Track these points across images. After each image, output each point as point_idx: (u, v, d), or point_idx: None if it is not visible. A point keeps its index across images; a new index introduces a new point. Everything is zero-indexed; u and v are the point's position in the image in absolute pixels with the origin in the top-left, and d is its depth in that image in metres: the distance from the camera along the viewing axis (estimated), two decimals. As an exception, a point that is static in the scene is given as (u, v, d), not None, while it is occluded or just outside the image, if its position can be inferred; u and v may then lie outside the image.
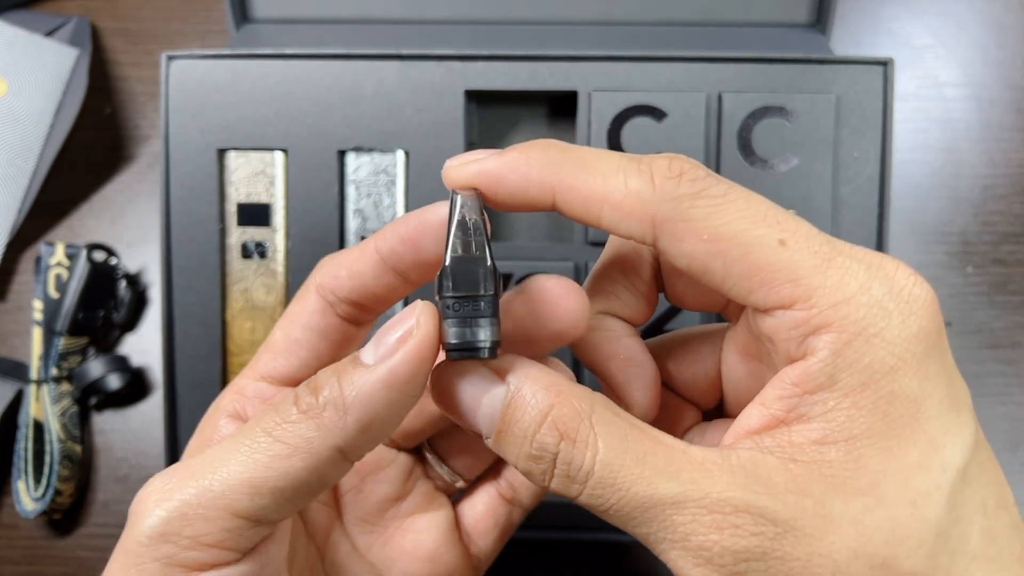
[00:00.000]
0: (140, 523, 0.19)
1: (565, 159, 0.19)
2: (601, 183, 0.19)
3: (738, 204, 0.19)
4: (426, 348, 0.19)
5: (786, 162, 0.36)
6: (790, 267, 0.18)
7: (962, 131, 0.45)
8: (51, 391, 0.42)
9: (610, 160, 0.19)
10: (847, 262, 0.18)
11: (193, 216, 0.37)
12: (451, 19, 0.41)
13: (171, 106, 0.37)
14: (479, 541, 0.28)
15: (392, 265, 0.23)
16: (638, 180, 0.19)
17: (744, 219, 0.18)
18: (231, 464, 0.19)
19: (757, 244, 0.18)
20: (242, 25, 0.41)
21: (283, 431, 0.19)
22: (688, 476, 0.18)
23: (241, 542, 0.19)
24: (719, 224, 0.18)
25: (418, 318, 0.19)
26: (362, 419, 0.19)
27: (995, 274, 0.44)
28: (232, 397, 0.25)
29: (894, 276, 0.18)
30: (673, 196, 0.18)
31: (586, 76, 0.37)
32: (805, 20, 0.41)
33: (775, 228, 0.18)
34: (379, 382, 0.19)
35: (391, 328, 0.19)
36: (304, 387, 0.20)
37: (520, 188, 0.19)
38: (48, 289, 0.42)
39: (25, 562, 0.43)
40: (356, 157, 0.38)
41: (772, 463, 0.18)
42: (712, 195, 0.19)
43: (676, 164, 0.19)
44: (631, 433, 0.19)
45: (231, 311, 0.38)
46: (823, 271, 0.18)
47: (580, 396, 0.19)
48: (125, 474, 0.44)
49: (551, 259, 0.37)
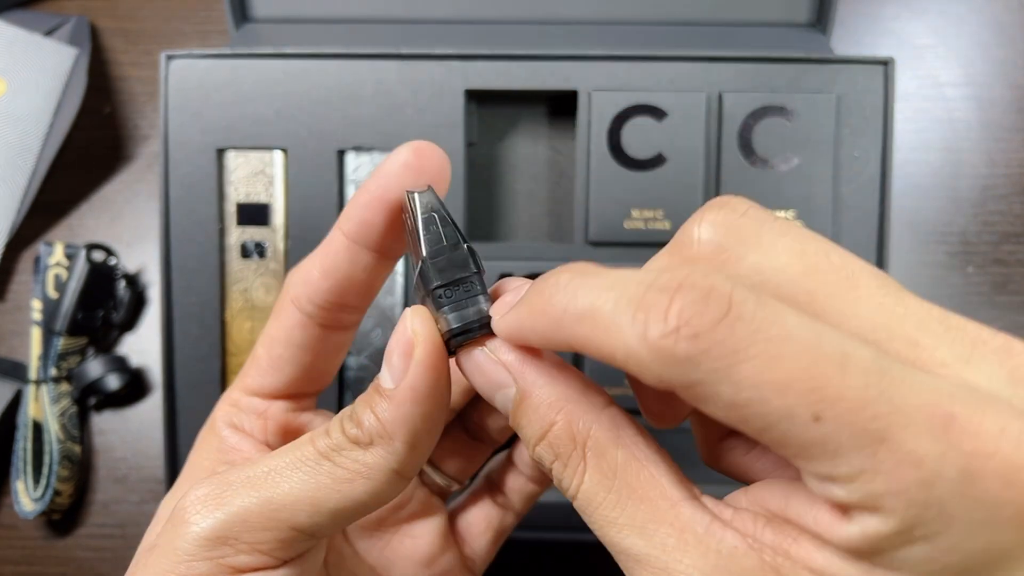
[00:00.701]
0: (194, 523, 0.20)
1: (567, 311, 0.16)
2: (603, 339, 0.16)
3: (757, 364, 0.14)
4: (432, 354, 0.19)
5: (786, 162, 0.36)
6: (826, 446, 0.14)
7: (963, 131, 0.45)
8: (50, 391, 0.42)
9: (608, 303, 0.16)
10: (913, 438, 0.14)
11: (192, 216, 0.37)
12: (451, 18, 0.41)
13: (170, 106, 0.37)
14: (474, 544, 0.28)
15: (365, 241, 0.23)
16: (632, 336, 0.15)
17: (765, 385, 0.14)
18: (293, 481, 0.20)
19: (784, 417, 0.14)
20: (242, 25, 0.41)
21: (343, 458, 0.20)
22: (660, 539, 0.16)
23: (290, 552, 0.20)
24: (732, 393, 0.14)
25: (412, 327, 0.19)
26: (408, 439, 0.20)
27: (996, 274, 0.44)
28: (228, 410, 0.25)
29: (981, 472, 0.14)
30: (671, 361, 0.15)
31: (586, 75, 0.37)
32: (806, 20, 0.40)
33: (809, 397, 0.14)
34: (406, 404, 0.19)
35: (393, 347, 0.20)
36: (347, 418, 0.20)
37: (543, 344, 0.18)
38: (47, 289, 0.42)
39: (24, 563, 0.43)
40: (356, 157, 0.38)
41: (752, 564, 0.16)
42: (720, 355, 0.14)
43: (677, 307, 0.15)
44: (623, 472, 0.17)
45: (230, 311, 0.38)
46: (872, 454, 0.14)
47: (583, 416, 0.18)
48: (124, 474, 0.44)
49: (551, 259, 0.37)
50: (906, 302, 0.16)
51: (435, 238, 0.20)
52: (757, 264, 0.17)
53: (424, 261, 0.20)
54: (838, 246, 0.17)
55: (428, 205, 0.21)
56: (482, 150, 0.39)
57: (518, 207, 0.40)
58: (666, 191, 0.36)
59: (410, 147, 0.22)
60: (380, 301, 0.38)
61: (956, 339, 0.16)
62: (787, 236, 0.17)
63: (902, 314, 0.16)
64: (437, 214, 0.21)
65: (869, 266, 0.17)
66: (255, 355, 0.25)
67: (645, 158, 0.36)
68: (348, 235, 0.23)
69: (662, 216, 0.36)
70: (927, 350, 0.15)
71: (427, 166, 0.22)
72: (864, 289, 0.16)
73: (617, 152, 0.36)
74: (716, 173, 0.37)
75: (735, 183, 0.36)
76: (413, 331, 0.19)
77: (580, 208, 0.37)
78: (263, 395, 0.25)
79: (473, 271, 0.20)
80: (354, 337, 0.26)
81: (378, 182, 0.22)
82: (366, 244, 0.23)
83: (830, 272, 0.16)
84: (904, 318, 0.16)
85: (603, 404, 0.18)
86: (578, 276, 0.17)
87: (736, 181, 0.36)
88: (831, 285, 0.16)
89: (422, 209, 0.21)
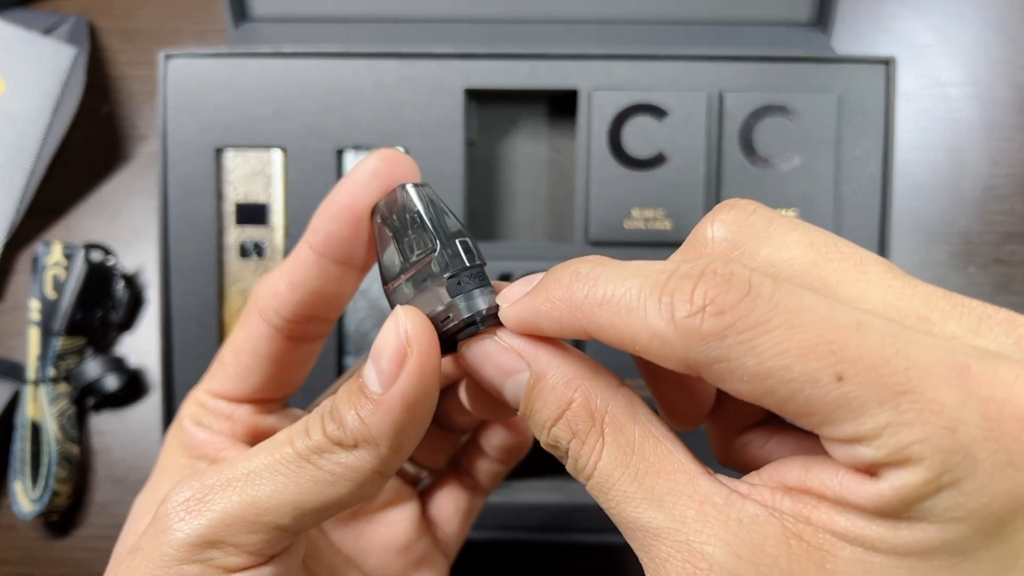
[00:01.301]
0: (177, 529, 0.20)
1: (588, 298, 0.17)
2: (626, 322, 0.16)
3: (778, 335, 0.15)
4: (428, 363, 0.19)
5: (788, 161, 0.36)
6: (849, 405, 0.15)
7: (964, 130, 0.44)
8: (48, 392, 0.42)
9: (632, 289, 0.17)
10: (933, 388, 0.14)
11: (191, 216, 0.37)
12: (450, 17, 0.41)
13: (169, 105, 0.37)
14: (445, 528, 0.29)
15: (333, 254, 0.22)
16: (658, 318, 0.16)
17: (787, 353, 0.15)
18: (275, 484, 0.20)
19: (807, 381, 0.15)
20: (240, 24, 0.41)
21: (325, 460, 0.20)
22: (679, 512, 0.17)
23: (275, 548, 0.20)
24: (756, 364, 0.15)
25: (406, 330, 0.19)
26: (394, 444, 0.20)
27: (997, 274, 0.44)
28: (195, 409, 0.25)
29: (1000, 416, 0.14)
30: (697, 338, 0.15)
31: (586, 75, 0.36)
32: (807, 19, 0.40)
33: (830, 359, 0.15)
34: (395, 410, 0.19)
35: (382, 349, 0.19)
36: (328, 416, 0.20)
37: (556, 331, 0.18)
38: (45, 289, 0.42)
39: (23, 563, 0.43)
40: (355, 156, 0.37)
41: (773, 531, 0.16)
42: (744, 328, 0.15)
43: (701, 289, 0.15)
44: (640, 447, 0.18)
45: (229, 311, 0.38)
46: (895, 406, 0.14)
47: (600, 393, 0.18)
48: (123, 475, 0.44)
49: (551, 259, 0.37)
50: (913, 284, 0.17)
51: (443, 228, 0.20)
52: (770, 257, 0.18)
53: (440, 250, 0.20)
54: (844, 240, 0.18)
55: (429, 197, 0.20)
56: (482, 150, 0.39)
57: (518, 207, 0.40)
58: (667, 191, 0.36)
59: (378, 155, 0.22)
60: (379, 301, 0.38)
61: (963, 314, 0.17)
62: (796, 230, 0.18)
63: (910, 294, 0.17)
64: (438, 205, 0.20)
65: (875, 255, 0.18)
66: (222, 359, 0.25)
67: (646, 157, 0.36)
68: (315, 248, 0.22)
69: (663, 216, 0.36)
70: (937, 325, 0.16)
71: (397, 173, 0.22)
72: (873, 274, 0.17)
73: (617, 151, 0.36)
74: (717, 173, 0.36)
75: (736, 183, 0.36)
76: (407, 335, 0.19)
77: (580, 208, 0.37)
78: (228, 399, 0.25)
79: (480, 262, 0.20)
80: (322, 347, 0.26)
81: (346, 191, 0.22)
82: (334, 257, 0.22)
83: (839, 260, 0.17)
84: (912, 297, 0.17)
85: (616, 384, 0.19)
86: (598, 266, 0.17)
87: (737, 181, 0.36)
88: (841, 272, 0.17)
89: (424, 201, 0.20)
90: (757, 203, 0.19)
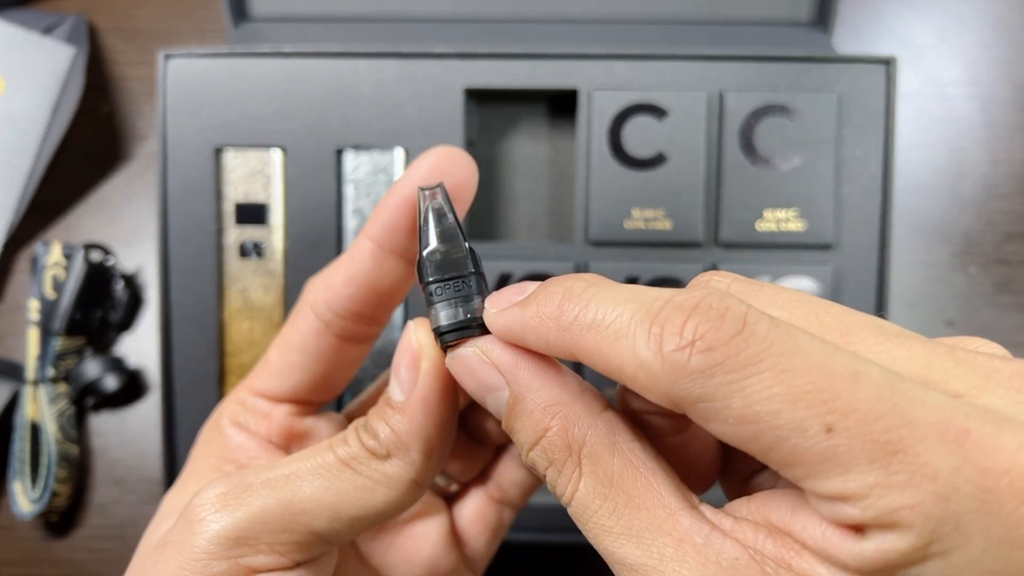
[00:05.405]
0: (212, 521, 0.20)
1: (577, 320, 0.17)
2: (613, 349, 0.16)
3: (767, 377, 0.14)
4: (440, 364, 0.20)
5: (788, 161, 0.36)
6: (837, 459, 0.14)
7: (965, 130, 0.44)
8: (48, 392, 0.42)
9: (623, 315, 0.16)
10: (927, 450, 0.13)
11: (190, 216, 0.37)
12: (450, 17, 0.41)
13: (168, 105, 0.37)
14: (472, 543, 0.28)
15: (391, 245, 0.23)
16: (646, 349, 0.15)
17: (775, 398, 0.14)
18: (314, 486, 0.20)
19: (794, 430, 0.14)
20: (240, 23, 0.41)
21: (364, 467, 0.20)
22: (657, 550, 0.16)
23: (306, 555, 0.21)
24: (742, 406, 0.14)
25: (417, 339, 0.20)
26: (423, 449, 0.20)
27: (998, 274, 0.43)
28: (234, 408, 0.25)
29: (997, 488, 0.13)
30: (683, 374, 0.15)
31: (586, 74, 0.36)
32: (807, 18, 0.40)
33: (820, 408, 0.14)
34: (419, 415, 0.20)
35: (399, 361, 0.20)
36: (363, 429, 0.21)
37: (542, 348, 0.18)
38: (44, 289, 0.42)
39: (22, 564, 0.43)
40: (355, 156, 0.37)
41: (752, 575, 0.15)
42: (733, 368, 0.14)
43: (693, 323, 0.15)
44: (619, 479, 0.17)
45: (228, 311, 0.38)
46: (885, 466, 0.13)
47: (578, 421, 0.17)
48: (122, 475, 0.44)
49: (551, 259, 0.37)
50: (908, 345, 0.16)
51: (435, 234, 0.20)
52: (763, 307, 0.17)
53: (422, 257, 0.20)
54: (829, 303, 0.17)
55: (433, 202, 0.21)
56: (482, 149, 0.39)
57: (518, 207, 0.39)
58: (667, 191, 0.36)
59: (439, 151, 0.22)
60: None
61: (968, 371, 0.15)
62: (781, 297, 0.17)
63: (906, 357, 0.16)
64: (441, 211, 0.21)
65: (865, 316, 0.17)
66: (267, 357, 0.25)
67: (646, 157, 0.36)
68: (374, 239, 0.23)
69: (663, 216, 0.36)
70: (939, 385, 0.15)
71: (455, 171, 0.22)
72: (862, 343, 0.16)
73: (618, 151, 0.36)
74: (717, 172, 0.36)
75: (736, 183, 0.36)
76: (418, 343, 0.20)
77: (580, 208, 0.37)
78: (269, 397, 0.25)
79: (470, 271, 0.20)
80: (369, 352, 0.26)
81: (406, 183, 0.22)
82: (392, 248, 0.23)
83: (822, 333, 0.16)
84: (910, 360, 0.16)
85: (599, 408, 0.18)
86: (592, 286, 0.17)
87: (737, 181, 0.36)
88: None
89: (427, 205, 0.21)
90: (734, 275, 0.18)
